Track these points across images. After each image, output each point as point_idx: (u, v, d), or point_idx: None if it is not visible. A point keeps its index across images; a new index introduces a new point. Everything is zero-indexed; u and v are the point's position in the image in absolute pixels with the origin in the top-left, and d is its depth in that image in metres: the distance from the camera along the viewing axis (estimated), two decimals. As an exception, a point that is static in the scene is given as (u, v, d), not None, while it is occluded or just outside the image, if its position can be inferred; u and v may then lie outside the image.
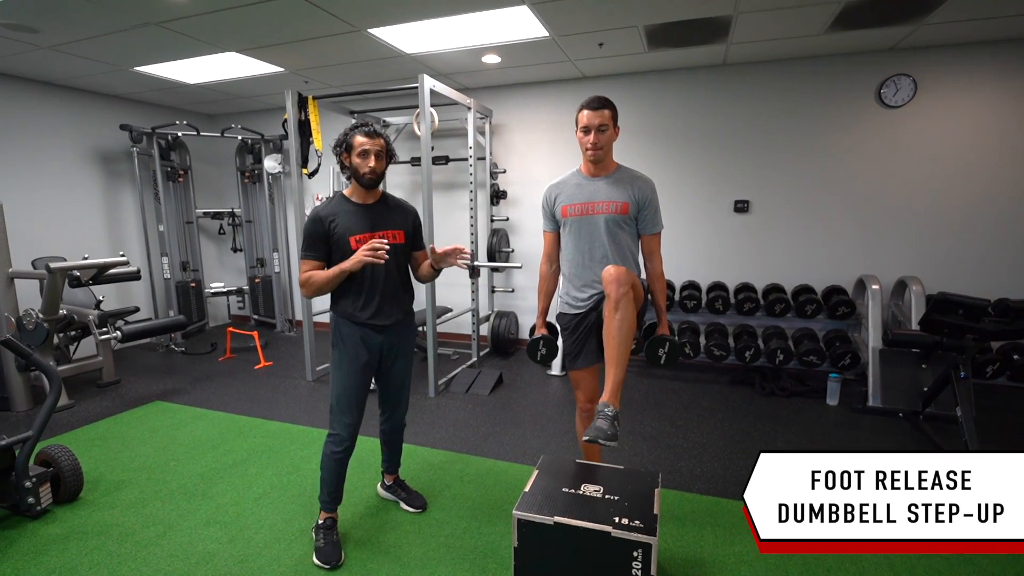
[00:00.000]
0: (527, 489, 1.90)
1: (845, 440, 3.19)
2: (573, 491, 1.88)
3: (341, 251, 2.03)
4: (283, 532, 2.31)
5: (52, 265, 3.54)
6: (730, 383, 4.23)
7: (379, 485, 2.62)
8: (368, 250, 1.90)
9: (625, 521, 1.70)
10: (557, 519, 1.72)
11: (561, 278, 2.31)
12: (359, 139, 2.01)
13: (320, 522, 2.20)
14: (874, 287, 3.80)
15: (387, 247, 1.91)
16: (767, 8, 3.21)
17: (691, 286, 4.46)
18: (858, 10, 3.23)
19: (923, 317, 2.99)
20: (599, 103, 2.04)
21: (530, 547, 1.76)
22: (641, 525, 1.68)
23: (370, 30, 3.53)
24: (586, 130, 2.06)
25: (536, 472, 2.02)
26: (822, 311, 4.05)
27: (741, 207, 4.48)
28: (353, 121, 1.99)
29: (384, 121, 5.24)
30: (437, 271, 2.20)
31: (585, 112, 2.05)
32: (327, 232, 2.02)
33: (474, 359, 4.76)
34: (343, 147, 2.05)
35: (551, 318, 2.40)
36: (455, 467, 2.89)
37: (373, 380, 2.24)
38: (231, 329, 5.26)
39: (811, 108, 4.21)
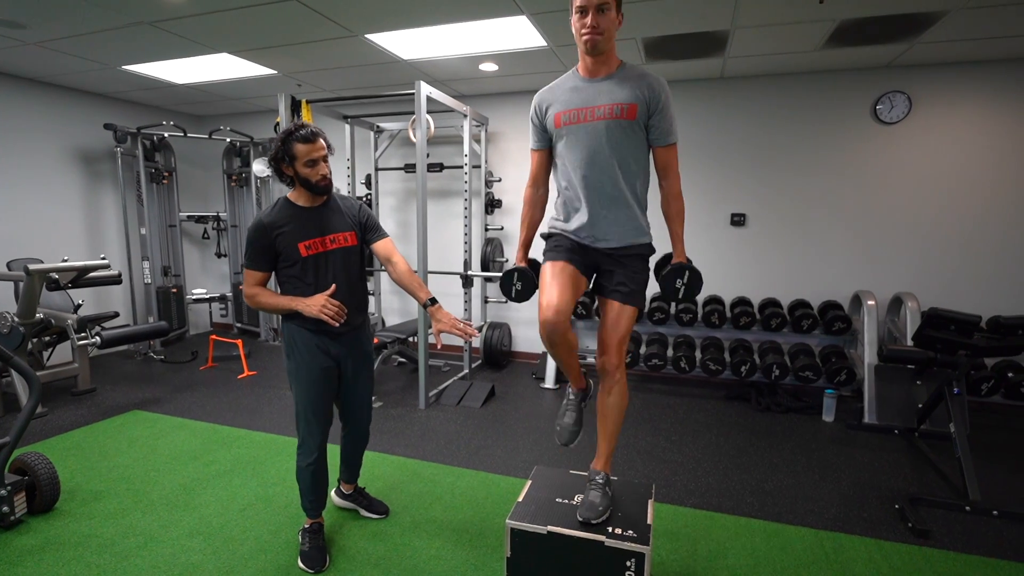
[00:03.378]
0: (520, 499, 1.86)
1: (841, 457, 3.16)
2: (567, 501, 1.85)
3: (290, 259, 1.97)
4: (269, 543, 2.22)
5: (31, 267, 3.41)
6: (726, 398, 4.19)
7: (334, 492, 2.52)
8: (325, 310, 1.90)
9: (619, 531, 1.68)
10: (551, 528, 1.70)
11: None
12: (301, 147, 1.89)
13: (306, 526, 2.17)
14: (870, 303, 3.81)
15: (343, 316, 1.93)
16: (764, 24, 3.23)
17: (685, 299, 4.43)
18: (853, 27, 3.26)
19: (916, 332, 2.99)
20: None
21: (523, 557, 1.73)
22: (635, 535, 1.66)
23: (368, 36, 3.49)
24: (582, 10, 1.62)
25: (530, 482, 1.98)
26: (818, 326, 4.04)
27: (737, 220, 4.49)
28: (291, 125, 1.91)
29: (378, 127, 5.19)
30: (424, 306, 2.03)
31: None
32: (271, 243, 1.94)
33: (466, 371, 4.68)
34: (282, 158, 1.93)
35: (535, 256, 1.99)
36: (446, 480, 2.81)
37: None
38: (214, 337, 5.13)
39: (807, 122, 4.24)
